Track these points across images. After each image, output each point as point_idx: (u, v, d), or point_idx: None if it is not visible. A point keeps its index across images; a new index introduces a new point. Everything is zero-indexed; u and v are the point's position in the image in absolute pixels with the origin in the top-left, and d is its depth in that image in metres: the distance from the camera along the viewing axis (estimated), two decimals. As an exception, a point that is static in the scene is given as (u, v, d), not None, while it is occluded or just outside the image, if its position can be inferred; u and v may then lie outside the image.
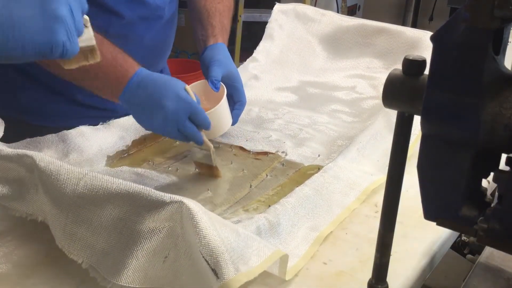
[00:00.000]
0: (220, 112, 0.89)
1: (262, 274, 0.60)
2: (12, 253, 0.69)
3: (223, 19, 1.04)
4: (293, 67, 1.27)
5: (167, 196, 0.60)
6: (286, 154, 0.94)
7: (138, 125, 0.96)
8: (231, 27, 1.09)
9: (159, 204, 0.60)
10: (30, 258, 0.68)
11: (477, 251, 0.73)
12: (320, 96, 1.18)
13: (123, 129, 0.94)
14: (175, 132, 0.81)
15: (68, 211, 0.64)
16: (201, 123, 0.82)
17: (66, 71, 0.63)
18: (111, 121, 0.94)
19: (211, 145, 0.86)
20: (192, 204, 0.58)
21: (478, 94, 0.42)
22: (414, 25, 3.03)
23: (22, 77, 0.98)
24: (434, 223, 0.49)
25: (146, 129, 0.87)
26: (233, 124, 0.94)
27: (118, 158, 0.91)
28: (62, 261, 0.65)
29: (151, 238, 0.59)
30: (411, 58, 0.48)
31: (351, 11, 3.06)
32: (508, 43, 0.45)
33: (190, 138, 0.82)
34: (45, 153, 0.82)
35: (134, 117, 0.84)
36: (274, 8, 1.33)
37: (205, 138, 0.84)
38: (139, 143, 0.96)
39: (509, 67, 0.45)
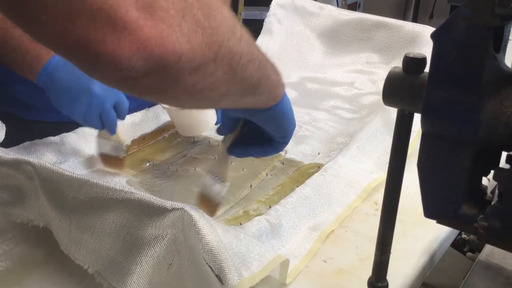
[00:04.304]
0: (191, 110, 0.86)
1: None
2: (12, 251, 0.69)
3: None
4: (292, 62, 1.26)
5: (168, 203, 0.59)
6: (286, 152, 0.94)
7: (137, 125, 0.96)
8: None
9: (161, 211, 0.59)
10: (30, 256, 0.68)
11: (477, 249, 0.73)
12: (320, 91, 1.18)
13: (122, 129, 0.94)
14: (96, 119, 0.79)
15: (71, 217, 0.64)
16: (123, 113, 0.81)
17: None
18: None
19: (123, 138, 0.84)
20: (193, 211, 0.58)
21: (479, 92, 0.42)
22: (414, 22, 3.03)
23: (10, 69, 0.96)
24: (434, 221, 0.49)
25: (65, 113, 0.81)
26: (217, 123, 0.89)
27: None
28: (63, 259, 0.65)
29: (154, 245, 0.59)
30: (411, 56, 0.48)
31: (351, 9, 3.06)
32: (509, 41, 0.45)
33: (108, 126, 0.80)
34: (45, 157, 0.82)
35: (52, 99, 0.80)
36: (272, 1, 1.33)
37: (118, 129, 0.82)
38: (138, 142, 0.95)
39: (509, 65, 0.45)
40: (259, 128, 0.65)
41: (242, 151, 0.69)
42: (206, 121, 0.89)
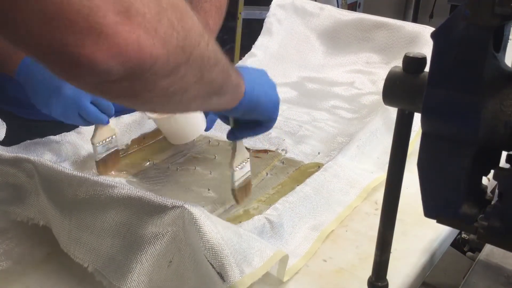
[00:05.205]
0: (178, 118, 0.85)
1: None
2: (12, 250, 0.69)
3: (207, 18, 1.02)
4: (292, 62, 1.26)
5: (169, 201, 0.59)
6: (286, 152, 0.94)
7: (137, 124, 0.96)
8: (231, 25, 1.08)
9: (161, 209, 0.59)
10: (30, 256, 0.68)
11: (477, 248, 0.73)
12: (319, 91, 1.18)
13: (122, 128, 0.94)
14: (76, 117, 0.78)
15: (71, 216, 0.64)
16: (105, 108, 0.79)
17: None
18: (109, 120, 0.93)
19: (115, 132, 0.84)
20: (194, 208, 0.58)
21: (479, 92, 0.42)
22: (415, 22, 3.03)
23: None
24: (434, 221, 0.49)
25: (45, 112, 0.79)
26: (206, 129, 0.89)
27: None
28: (63, 259, 0.65)
29: (154, 243, 0.59)
30: (411, 55, 0.48)
31: (351, 9, 3.06)
32: (509, 41, 0.45)
33: (92, 122, 0.79)
34: (45, 156, 0.82)
35: (32, 99, 0.78)
36: (272, 2, 1.33)
37: (108, 125, 0.81)
38: (138, 141, 0.95)
39: (509, 65, 0.45)
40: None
41: (236, 134, 0.75)
42: (194, 129, 0.89)
